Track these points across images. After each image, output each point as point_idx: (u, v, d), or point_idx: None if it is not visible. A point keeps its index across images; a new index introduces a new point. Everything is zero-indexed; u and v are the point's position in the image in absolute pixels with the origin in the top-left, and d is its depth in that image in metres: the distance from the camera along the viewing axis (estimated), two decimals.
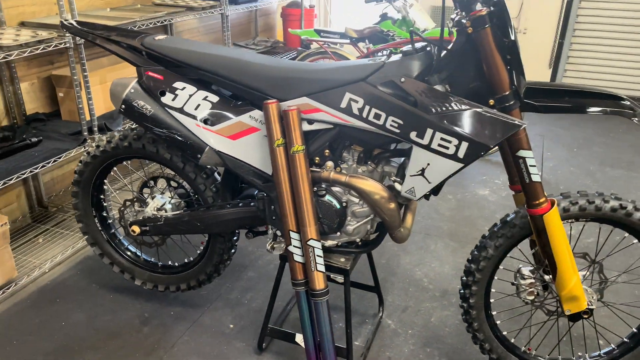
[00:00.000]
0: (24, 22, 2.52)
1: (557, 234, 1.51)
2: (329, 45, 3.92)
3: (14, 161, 2.25)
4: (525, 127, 1.44)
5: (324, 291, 1.66)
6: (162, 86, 1.67)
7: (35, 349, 1.94)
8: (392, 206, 1.60)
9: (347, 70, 1.56)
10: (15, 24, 2.50)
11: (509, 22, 1.38)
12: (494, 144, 1.40)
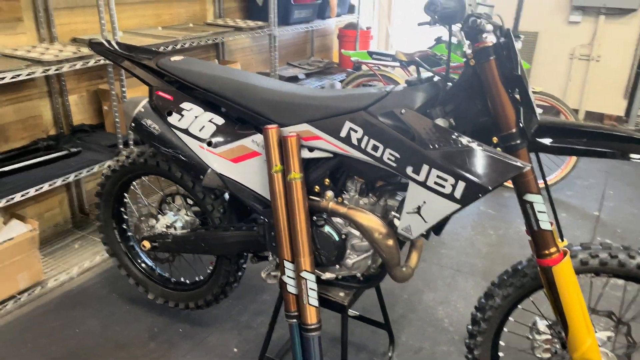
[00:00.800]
0: (75, 39, 2.67)
1: (568, 289, 1.36)
2: (379, 68, 3.86)
3: (51, 169, 2.36)
4: (531, 168, 1.31)
5: (316, 326, 1.59)
6: (170, 106, 1.69)
7: (46, 353, 2.00)
8: (390, 243, 1.51)
9: (349, 99, 1.50)
10: (67, 40, 2.66)
11: (516, 55, 1.26)
12: (493, 186, 1.28)
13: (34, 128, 2.63)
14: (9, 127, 2.52)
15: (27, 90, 2.55)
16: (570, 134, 1.35)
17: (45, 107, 2.66)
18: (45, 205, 2.77)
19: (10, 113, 2.51)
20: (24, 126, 2.58)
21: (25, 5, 2.46)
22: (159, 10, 3.16)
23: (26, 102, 2.57)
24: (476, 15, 1.23)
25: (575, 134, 1.34)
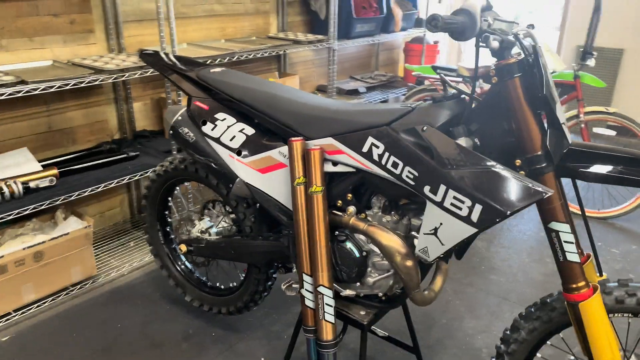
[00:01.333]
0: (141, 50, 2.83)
1: (597, 328, 1.24)
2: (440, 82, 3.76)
3: (109, 171, 2.52)
4: (559, 195, 1.22)
5: (332, 343, 1.56)
6: (205, 116, 1.74)
7: (87, 343, 2.12)
8: (409, 264, 1.46)
9: (373, 114, 1.47)
10: (134, 50, 2.83)
11: (542, 74, 1.18)
12: (511, 211, 1.20)
13: (100, 132, 2.82)
14: (78, 130, 2.72)
15: (95, 96, 2.74)
16: (605, 160, 1.24)
17: (111, 112, 2.84)
18: (107, 204, 2.95)
19: (79, 117, 2.71)
20: (90, 130, 2.77)
21: (97, 18, 2.65)
22: (223, 24, 3.29)
23: (94, 108, 2.76)
24: (489, 31, 1.17)
25: (611, 159, 1.24)
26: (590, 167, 1.24)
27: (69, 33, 2.55)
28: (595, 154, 1.25)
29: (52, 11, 2.46)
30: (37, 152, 2.55)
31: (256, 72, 3.60)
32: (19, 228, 2.37)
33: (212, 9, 3.20)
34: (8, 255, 2.13)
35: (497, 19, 1.17)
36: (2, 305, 2.18)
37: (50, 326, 2.22)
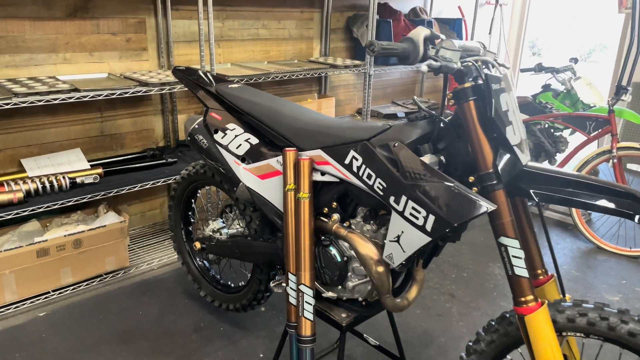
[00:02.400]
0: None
1: (541, 341, 1.30)
2: None
3: (148, 174, 2.79)
4: (509, 211, 1.30)
5: (309, 339, 1.69)
6: (217, 125, 1.95)
7: (110, 327, 2.36)
8: (380, 270, 1.57)
9: (356, 130, 1.62)
10: None
11: (491, 99, 1.28)
12: (457, 222, 1.29)
13: (146, 139, 3.12)
14: (126, 136, 3.03)
15: (144, 107, 3.06)
16: (561, 184, 1.31)
17: (158, 122, 3.14)
18: (148, 205, 3.24)
19: (129, 125, 3.02)
20: (138, 136, 3.08)
21: (151, 38, 2.97)
22: (267, 47, 3.55)
23: (142, 117, 3.07)
24: (434, 57, 1.29)
25: (565, 182, 1.31)
26: (544, 189, 1.31)
27: (124, 50, 2.88)
28: (548, 176, 1.32)
29: (111, 30, 2.80)
30: (89, 153, 2.87)
31: (297, 93, 3.82)
32: (65, 218, 2.67)
33: (258, 33, 3.46)
34: (51, 240, 2.43)
35: (445, 48, 1.29)
36: (43, 284, 2.47)
37: (81, 308, 2.48)
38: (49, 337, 2.27)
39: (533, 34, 14.07)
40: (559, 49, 14.05)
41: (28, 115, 2.63)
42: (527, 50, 14.35)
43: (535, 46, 14.25)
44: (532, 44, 14.28)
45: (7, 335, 2.26)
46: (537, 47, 14.19)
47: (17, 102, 2.16)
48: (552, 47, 14.14)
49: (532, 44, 14.30)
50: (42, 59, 2.61)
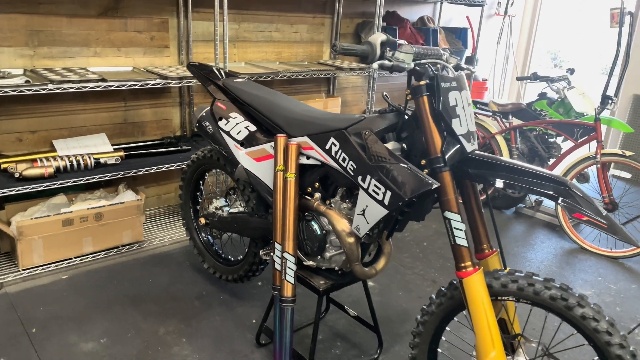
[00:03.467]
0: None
1: (475, 301, 1.54)
2: (476, 116, 4.04)
3: (164, 159, 3.09)
4: (453, 190, 1.55)
5: (290, 299, 1.96)
6: (222, 113, 2.24)
7: (123, 291, 2.66)
8: (351, 240, 1.83)
9: (337, 120, 1.88)
10: None
11: (439, 95, 1.53)
12: (408, 197, 1.55)
13: (165, 128, 3.43)
14: (147, 125, 3.35)
15: (164, 98, 3.37)
16: (496, 168, 1.55)
17: (176, 113, 3.46)
18: (164, 189, 3.55)
19: (150, 114, 3.34)
20: (157, 125, 3.39)
21: (172, 37, 3.28)
22: (280, 49, 3.84)
23: (162, 108, 3.38)
24: (388, 58, 1.54)
25: (501, 167, 1.55)
26: (487, 173, 1.56)
27: (148, 46, 3.20)
28: (489, 162, 1.56)
29: (137, 28, 3.12)
30: (112, 138, 3.20)
31: (307, 92, 4.10)
32: (88, 194, 3.00)
33: (271, 35, 3.75)
34: (76, 212, 2.75)
35: (400, 51, 1.54)
36: (67, 251, 2.79)
37: (99, 274, 2.79)
38: (69, 295, 2.58)
39: (555, 46, 14.12)
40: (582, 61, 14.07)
41: (61, 102, 2.96)
42: (549, 61, 14.40)
43: (557, 58, 14.29)
44: (554, 56, 14.34)
45: (34, 292, 2.58)
46: (559, 59, 14.24)
47: (52, 88, 2.48)
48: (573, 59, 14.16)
49: (554, 56, 14.35)
50: (75, 52, 2.94)
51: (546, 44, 14.20)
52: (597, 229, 1.42)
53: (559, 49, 14.34)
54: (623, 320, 2.67)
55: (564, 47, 14.25)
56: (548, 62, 14.33)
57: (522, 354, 1.68)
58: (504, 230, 3.71)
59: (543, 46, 13.95)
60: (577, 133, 3.53)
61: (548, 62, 14.31)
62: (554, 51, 14.39)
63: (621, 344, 1.44)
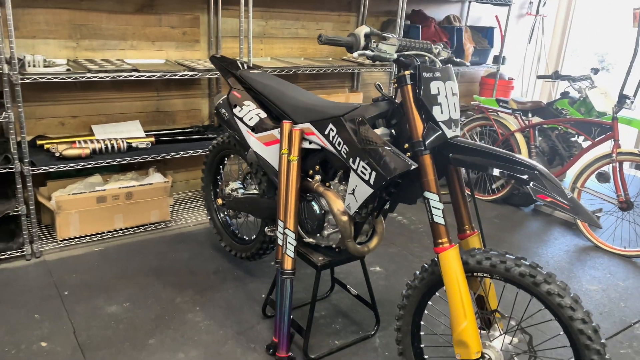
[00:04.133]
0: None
1: (450, 274, 1.67)
2: (497, 114, 4.10)
3: (191, 146, 3.32)
4: (433, 172, 1.68)
5: (290, 272, 2.13)
6: (237, 102, 2.44)
7: (147, 263, 2.91)
8: (344, 219, 1.99)
9: (336, 108, 2.04)
10: None
11: (421, 84, 1.66)
12: (390, 176, 1.69)
13: (194, 117, 3.67)
14: (178, 114, 3.60)
15: (194, 90, 3.61)
16: (474, 153, 1.67)
17: (205, 104, 3.69)
18: (192, 174, 3.80)
19: (180, 104, 3.58)
20: (187, 115, 3.64)
21: (203, 32, 3.52)
22: (305, 45, 4.02)
23: (192, 99, 3.62)
24: (371, 48, 1.68)
25: (478, 153, 1.67)
26: (458, 156, 1.68)
27: (180, 41, 3.45)
28: (467, 148, 1.68)
29: (170, 24, 3.37)
30: (145, 125, 3.46)
31: (330, 87, 4.27)
32: (121, 175, 3.26)
33: (297, 32, 3.94)
34: (109, 190, 3.01)
35: (383, 42, 1.68)
36: (100, 225, 3.06)
37: (127, 247, 3.05)
38: (100, 265, 2.84)
39: (602, 49, 13.73)
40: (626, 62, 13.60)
41: (100, 90, 3.24)
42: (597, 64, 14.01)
43: (605, 61, 13.89)
44: (601, 58, 13.94)
45: (69, 261, 2.86)
46: (607, 62, 13.83)
47: (90, 76, 2.75)
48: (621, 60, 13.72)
49: (602, 58, 13.95)
50: (113, 45, 3.21)
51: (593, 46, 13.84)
52: (560, 210, 1.52)
53: (607, 52, 13.94)
54: (626, 315, 2.71)
55: (612, 49, 13.84)
56: (595, 64, 13.95)
57: (497, 329, 1.79)
58: (519, 227, 3.77)
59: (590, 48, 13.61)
60: (595, 132, 3.55)
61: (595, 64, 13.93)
62: (602, 53, 14.00)
63: (583, 319, 1.54)
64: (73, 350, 2.16)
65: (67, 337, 2.24)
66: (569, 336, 1.58)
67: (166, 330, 2.33)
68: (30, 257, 2.84)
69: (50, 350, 2.15)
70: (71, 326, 2.31)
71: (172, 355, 2.17)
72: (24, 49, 2.93)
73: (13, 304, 2.44)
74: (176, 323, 2.39)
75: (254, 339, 2.31)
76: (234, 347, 2.25)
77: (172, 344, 2.24)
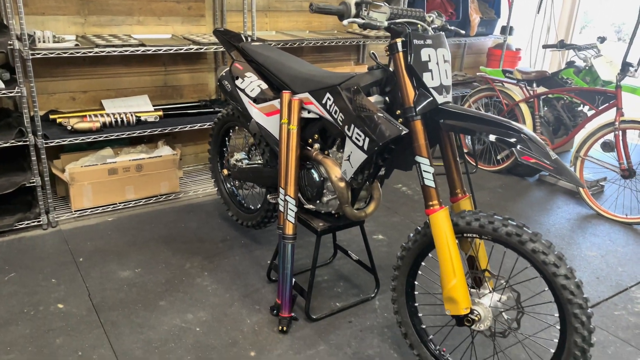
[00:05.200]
0: None
1: (439, 234, 1.74)
2: (503, 84, 4.11)
3: (198, 119, 3.41)
4: (423, 136, 1.74)
5: (291, 237, 2.22)
6: (238, 73, 2.50)
7: (158, 232, 3.02)
8: (342, 185, 2.07)
9: (332, 77, 2.10)
10: None
11: (412, 51, 1.71)
12: (382, 142, 1.76)
13: (201, 92, 3.75)
14: (185, 88, 3.67)
15: (200, 64, 3.68)
16: (465, 118, 1.73)
17: (211, 78, 3.76)
18: (201, 147, 3.90)
19: (187, 79, 3.66)
20: (194, 89, 3.72)
21: (208, 7, 3.57)
22: (310, 18, 4.05)
23: (199, 73, 3.69)
24: (362, 16, 1.72)
25: (468, 118, 1.72)
26: (449, 122, 1.74)
27: (186, 16, 3.50)
28: (457, 113, 1.74)
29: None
30: (154, 100, 3.54)
31: (336, 61, 4.30)
32: (131, 148, 3.37)
33: (301, 5, 3.97)
34: (119, 162, 3.12)
35: (374, 11, 1.72)
36: (112, 196, 3.18)
37: (138, 218, 3.17)
38: (113, 234, 2.97)
39: (620, 19, 13.44)
40: None
41: (109, 65, 3.33)
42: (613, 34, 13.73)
43: (621, 31, 13.60)
44: (618, 29, 13.65)
45: (83, 230, 2.99)
46: (623, 32, 13.54)
47: (97, 51, 2.83)
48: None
49: (618, 29, 13.66)
50: (120, 21, 3.28)
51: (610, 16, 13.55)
52: (544, 170, 1.57)
53: (624, 22, 13.63)
54: (622, 279, 2.77)
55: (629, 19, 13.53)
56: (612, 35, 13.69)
57: (487, 287, 1.87)
58: (523, 196, 3.81)
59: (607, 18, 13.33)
60: (598, 101, 3.55)
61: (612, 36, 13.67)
62: (619, 24, 13.70)
63: (566, 275, 1.61)
64: (88, 311, 2.30)
65: (82, 299, 2.37)
66: (554, 292, 1.66)
67: (176, 293, 2.46)
68: (46, 226, 2.97)
69: (66, 312, 2.28)
70: (86, 289, 2.45)
71: (181, 315, 2.30)
72: (33, 25, 3.02)
73: (31, 270, 2.58)
74: (185, 287, 2.51)
75: (259, 301, 2.42)
76: (239, 309, 2.36)
77: (182, 305, 2.37)
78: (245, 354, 2.08)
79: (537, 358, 2.11)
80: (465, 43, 5.09)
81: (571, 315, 1.60)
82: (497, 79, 4.08)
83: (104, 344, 2.09)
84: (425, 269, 2.74)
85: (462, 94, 4.59)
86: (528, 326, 2.31)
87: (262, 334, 2.21)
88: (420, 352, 2.00)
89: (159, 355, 2.05)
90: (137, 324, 2.23)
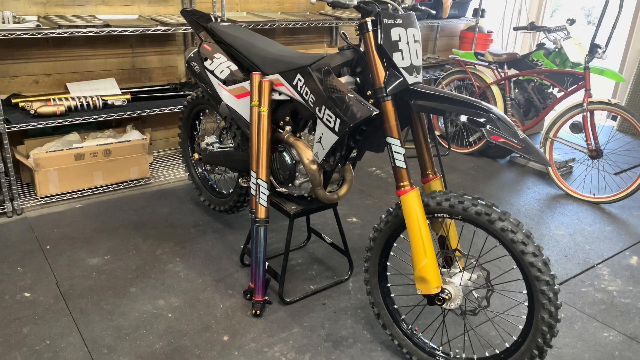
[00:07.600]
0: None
1: (411, 214, 1.75)
2: (475, 67, 4.13)
3: (167, 103, 3.34)
4: (395, 118, 1.73)
5: (263, 220, 2.20)
6: (207, 54, 2.45)
7: (128, 218, 2.97)
8: (314, 167, 2.05)
9: (303, 58, 2.07)
10: None
11: (382, 31, 1.70)
12: (353, 123, 1.75)
13: (170, 75, 3.67)
14: (154, 71, 3.59)
15: (169, 46, 3.59)
16: (435, 99, 1.72)
17: (181, 60, 3.68)
18: (171, 133, 3.82)
19: (156, 61, 3.57)
20: (163, 72, 3.63)
21: None
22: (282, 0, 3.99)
23: (168, 55, 3.61)
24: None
25: (439, 98, 1.72)
26: (420, 102, 1.73)
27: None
28: (427, 94, 1.73)
29: None
30: (121, 83, 3.45)
31: (309, 43, 4.25)
32: (99, 133, 3.28)
33: None
34: (86, 148, 3.04)
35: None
36: (80, 183, 3.10)
37: (108, 204, 3.11)
38: (81, 220, 2.90)
39: (590, 3, 13.63)
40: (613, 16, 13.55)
41: (73, 47, 3.22)
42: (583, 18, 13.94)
43: (591, 15, 13.81)
44: (587, 12, 13.86)
45: (51, 217, 2.91)
46: (593, 16, 13.76)
47: (60, 32, 2.73)
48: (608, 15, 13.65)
49: (588, 12, 13.87)
50: (84, 1, 3.17)
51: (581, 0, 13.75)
52: (513, 149, 1.59)
53: (594, 6, 13.84)
54: (589, 257, 2.84)
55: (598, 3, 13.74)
56: (582, 18, 13.89)
57: (457, 266, 1.89)
58: (494, 178, 3.86)
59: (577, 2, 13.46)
60: (567, 82, 3.60)
61: (582, 19, 13.87)
62: (589, 7, 13.92)
63: (534, 252, 1.64)
64: (56, 299, 2.24)
65: (49, 287, 2.32)
66: (522, 270, 1.68)
67: (147, 279, 2.42)
68: (11, 214, 2.89)
69: (33, 300, 2.23)
70: (53, 277, 2.39)
71: (152, 301, 2.26)
72: None
73: None
74: (156, 272, 2.47)
75: (232, 286, 2.41)
76: (212, 294, 2.34)
77: (153, 291, 2.33)
78: (219, 339, 2.06)
79: (507, 335, 2.15)
80: (438, 25, 5.10)
81: (539, 292, 1.63)
82: (469, 62, 4.10)
83: (72, 332, 2.05)
84: (397, 250, 2.76)
85: (435, 77, 4.60)
86: (498, 304, 2.35)
87: (235, 318, 2.19)
88: (392, 332, 2.02)
89: (129, 342, 2.02)
90: (106, 311, 2.19)
